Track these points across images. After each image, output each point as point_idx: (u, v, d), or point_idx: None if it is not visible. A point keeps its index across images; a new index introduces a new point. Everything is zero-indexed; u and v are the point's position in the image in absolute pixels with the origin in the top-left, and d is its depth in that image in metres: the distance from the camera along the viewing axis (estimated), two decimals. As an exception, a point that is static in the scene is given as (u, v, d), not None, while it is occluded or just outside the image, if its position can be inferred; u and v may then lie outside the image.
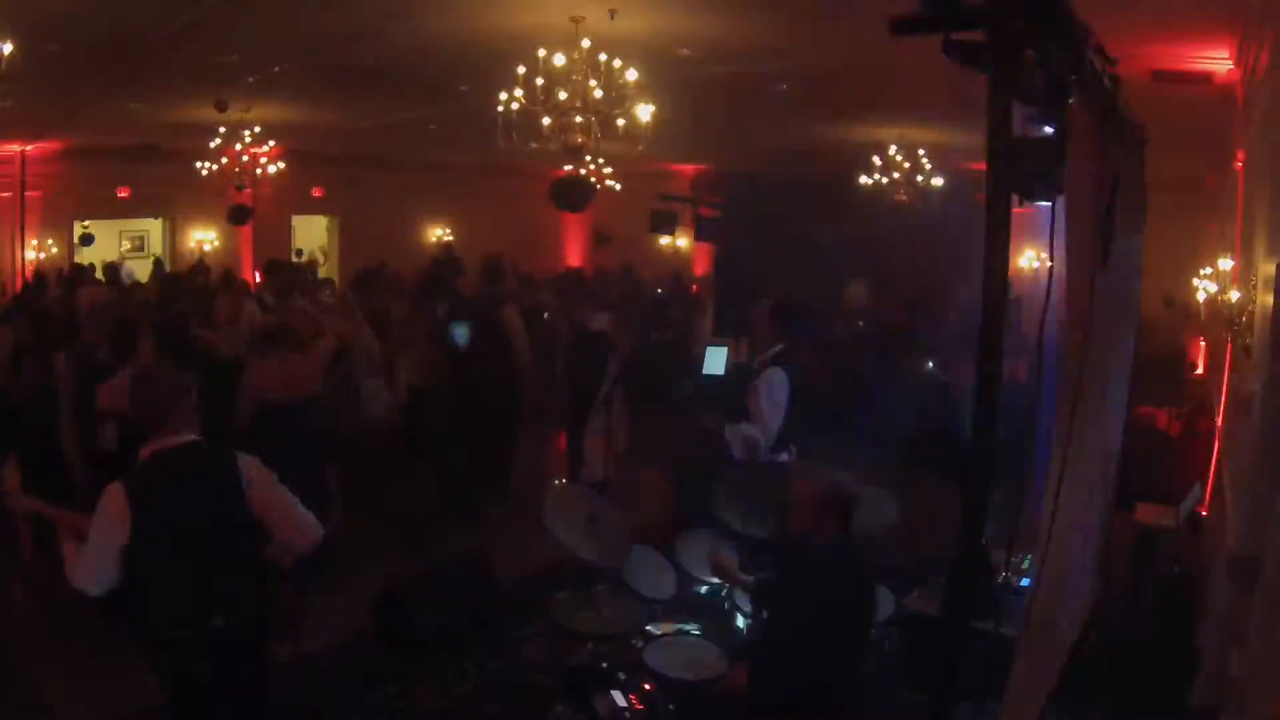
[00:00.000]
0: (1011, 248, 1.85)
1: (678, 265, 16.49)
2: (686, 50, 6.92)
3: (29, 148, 11.75)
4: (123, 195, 12.66)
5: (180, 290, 9.45)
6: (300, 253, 15.01)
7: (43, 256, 12.21)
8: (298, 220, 15.09)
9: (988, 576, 3.26)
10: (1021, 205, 2.01)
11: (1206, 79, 6.04)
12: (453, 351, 6.82)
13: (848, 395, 10.21)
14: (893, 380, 10.22)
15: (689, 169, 16.44)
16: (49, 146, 11.86)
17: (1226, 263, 6.92)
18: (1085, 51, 2.28)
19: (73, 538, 2.92)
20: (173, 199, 13.12)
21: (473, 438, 6.99)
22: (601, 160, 10.04)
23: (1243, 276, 5.50)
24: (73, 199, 12.40)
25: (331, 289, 8.96)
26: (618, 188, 11.56)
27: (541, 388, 7.78)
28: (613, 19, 5.93)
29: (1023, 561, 3.91)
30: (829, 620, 2.90)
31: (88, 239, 13.14)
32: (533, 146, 6.76)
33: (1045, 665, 3.27)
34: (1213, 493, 5.92)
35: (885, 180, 10.74)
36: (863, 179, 10.81)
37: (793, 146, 11.67)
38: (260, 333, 5.72)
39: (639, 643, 3.79)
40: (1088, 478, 3.25)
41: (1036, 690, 3.18)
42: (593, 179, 9.83)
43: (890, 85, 6.98)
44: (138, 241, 14.85)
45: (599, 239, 16.85)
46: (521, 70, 6.30)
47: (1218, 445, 6.36)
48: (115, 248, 14.24)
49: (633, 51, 6.35)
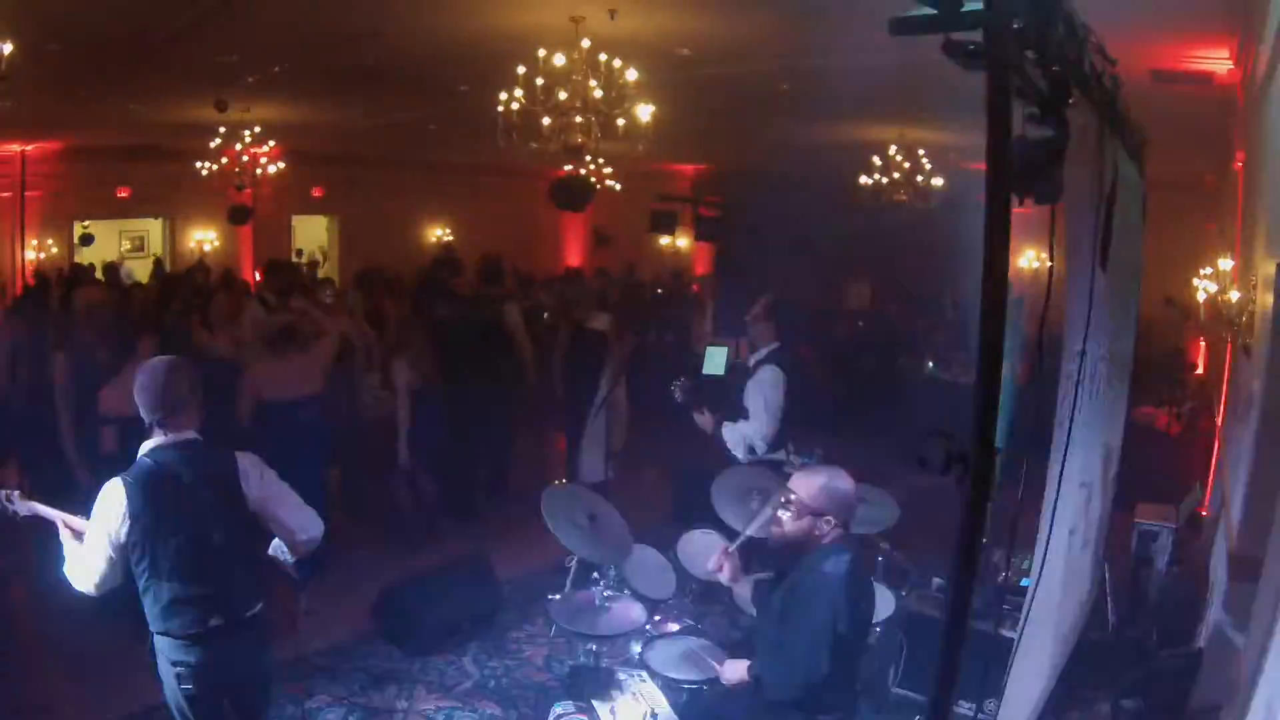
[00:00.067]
0: (1011, 248, 1.85)
1: (678, 265, 16.49)
2: (686, 50, 6.92)
3: (29, 148, 11.74)
4: (123, 195, 12.64)
5: (180, 290, 9.44)
6: (300, 253, 15.00)
7: (42, 257, 12.19)
8: (298, 220, 15.08)
9: (988, 576, 3.26)
10: (1021, 205, 2.01)
11: (1206, 79, 6.04)
12: (452, 351, 6.81)
13: (848, 395, 10.23)
14: (893, 380, 10.25)
15: (689, 169, 16.44)
16: (49, 146, 11.85)
17: (1226, 263, 6.92)
18: (1085, 51, 2.28)
19: (73, 539, 2.92)
20: (173, 199, 13.10)
21: (473, 438, 6.99)
22: (601, 160, 10.03)
23: (1243, 276, 5.51)
24: (72, 199, 12.39)
25: (332, 289, 8.97)
26: (618, 188, 11.55)
27: (541, 388, 7.78)
28: (613, 19, 5.94)
29: (1023, 561, 3.91)
30: (828, 620, 2.90)
31: (88, 239, 13.13)
32: (533, 146, 6.77)
33: (1045, 665, 3.27)
34: (1213, 493, 5.92)
35: (885, 180, 10.75)
36: (863, 179, 10.82)
37: (793, 146, 11.66)
38: (265, 332, 5.73)
39: (639, 643, 3.80)
40: (1088, 478, 3.26)
41: (1036, 690, 3.18)
42: (593, 179, 9.82)
43: (890, 85, 6.96)
44: (138, 241, 14.82)
45: (599, 239, 16.84)
46: (521, 70, 6.31)
47: (1218, 445, 6.36)
48: (115, 248, 14.20)
49: (633, 51, 6.35)
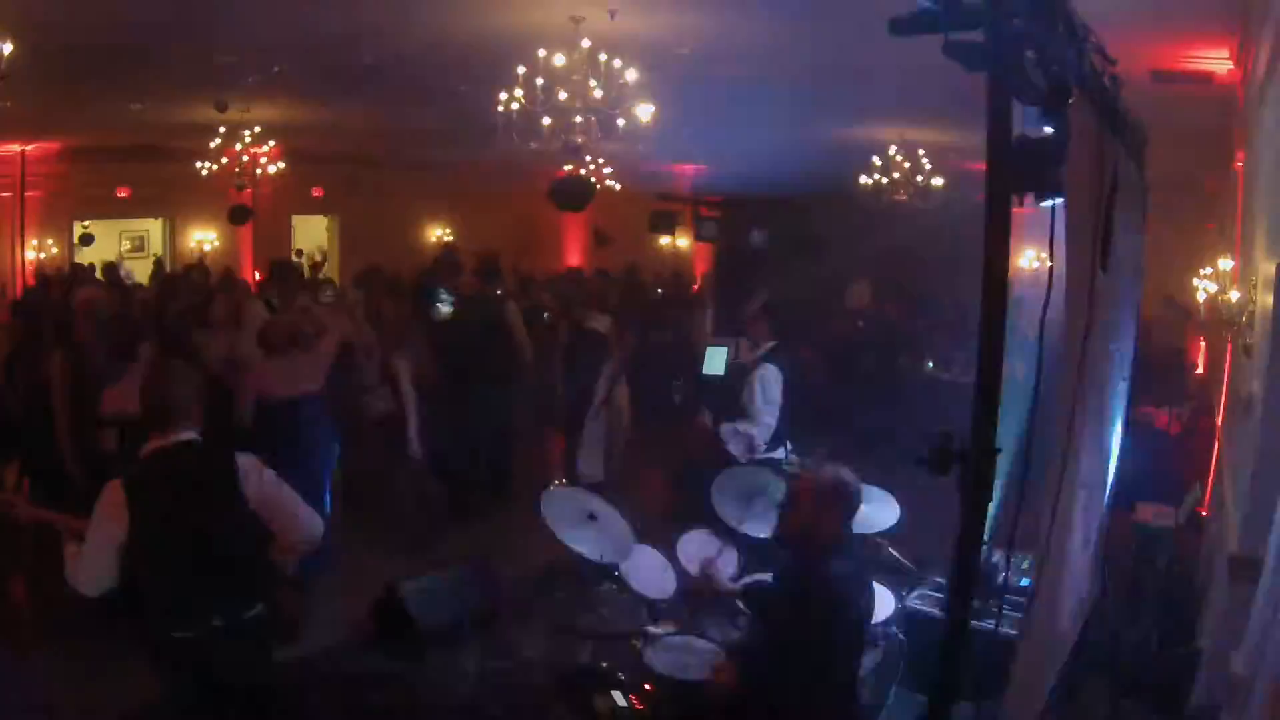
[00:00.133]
0: (1011, 248, 1.85)
1: (678, 265, 16.49)
2: (686, 50, 6.91)
3: (29, 148, 11.73)
4: (123, 195, 12.65)
5: (180, 290, 9.42)
6: (300, 253, 15.00)
7: (42, 257, 12.19)
8: (298, 220, 15.09)
9: (988, 576, 3.26)
10: (1021, 205, 2.01)
11: (1206, 79, 6.04)
12: (452, 351, 6.82)
13: (848, 395, 10.23)
14: (893, 380, 10.25)
15: (689, 169, 16.42)
16: (49, 146, 11.84)
17: (1226, 263, 6.93)
18: (1085, 51, 2.28)
19: (73, 540, 2.92)
20: (173, 199, 13.12)
21: (473, 437, 6.99)
22: (601, 160, 10.03)
23: (1243, 276, 5.52)
24: (72, 199, 12.40)
25: (332, 289, 8.98)
26: (618, 188, 11.55)
27: (541, 387, 7.79)
28: (613, 19, 5.93)
29: (1023, 561, 3.91)
30: (828, 621, 2.90)
31: (88, 239, 13.14)
32: (533, 146, 6.76)
33: (1045, 665, 3.27)
34: (1213, 493, 5.92)
35: (885, 180, 10.75)
36: (863, 179, 10.81)
37: (793, 146, 11.66)
38: (271, 333, 5.73)
39: (639, 643, 3.80)
40: (1088, 478, 3.25)
41: (1036, 690, 3.18)
42: (593, 179, 9.82)
43: (890, 85, 6.96)
44: (138, 241, 14.84)
45: (599, 239, 16.83)
46: (521, 70, 6.31)
47: (1218, 445, 6.36)
48: (115, 248, 14.22)
49: (633, 51, 6.34)
